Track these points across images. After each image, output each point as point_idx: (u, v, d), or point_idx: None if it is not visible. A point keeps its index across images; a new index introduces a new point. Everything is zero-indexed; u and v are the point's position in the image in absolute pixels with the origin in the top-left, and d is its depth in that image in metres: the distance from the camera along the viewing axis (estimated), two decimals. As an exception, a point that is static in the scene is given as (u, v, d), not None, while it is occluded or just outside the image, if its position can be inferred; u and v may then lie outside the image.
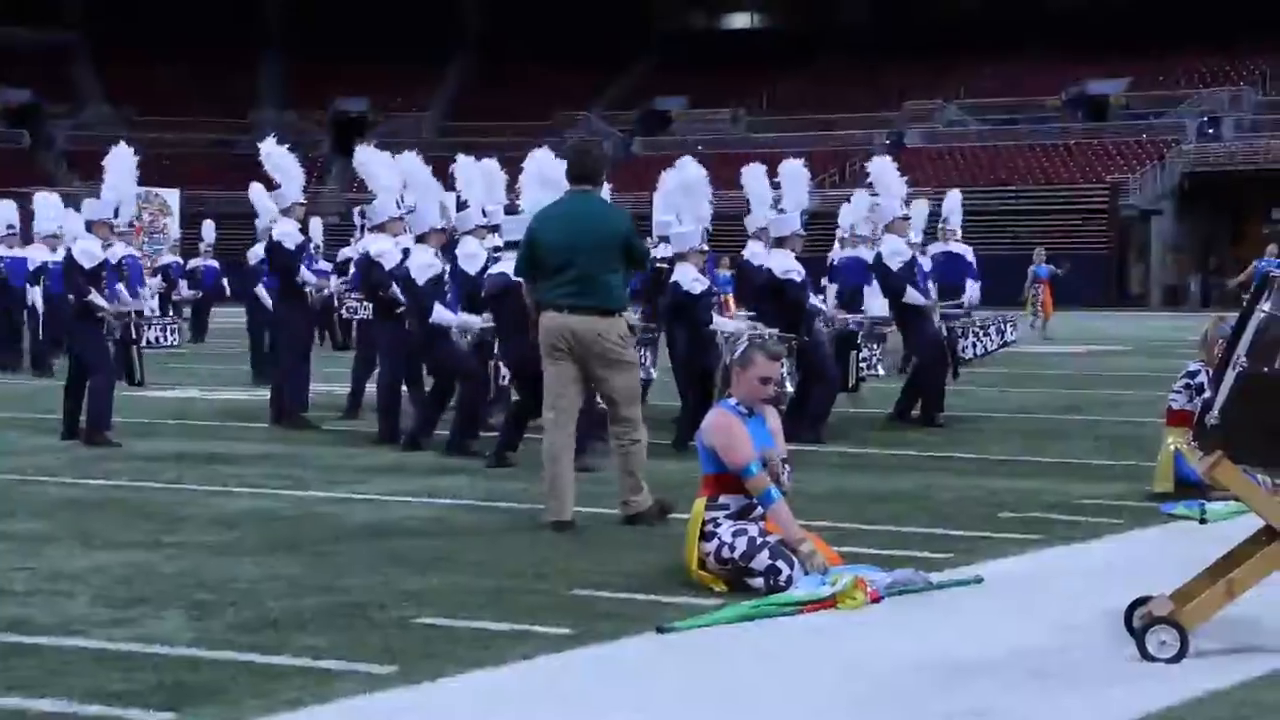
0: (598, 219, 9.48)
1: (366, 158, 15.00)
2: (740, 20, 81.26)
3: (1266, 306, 6.05)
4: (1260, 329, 6.03)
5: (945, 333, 15.29)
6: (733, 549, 7.36)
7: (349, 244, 17.74)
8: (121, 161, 14.37)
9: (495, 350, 13.35)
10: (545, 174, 12.11)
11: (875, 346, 15.02)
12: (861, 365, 14.79)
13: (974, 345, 15.32)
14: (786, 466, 7.71)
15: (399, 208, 14.37)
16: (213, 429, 14.75)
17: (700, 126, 68.44)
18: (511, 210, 13.58)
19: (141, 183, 17.19)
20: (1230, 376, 6.11)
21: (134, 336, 13.90)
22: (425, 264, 13.07)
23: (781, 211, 14.47)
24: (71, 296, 13.67)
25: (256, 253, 19.56)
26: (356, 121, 70.47)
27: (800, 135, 61.05)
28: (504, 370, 13.25)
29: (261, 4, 76.22)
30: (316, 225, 20.81)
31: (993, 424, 15.44)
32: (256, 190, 18.70)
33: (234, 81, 71.35)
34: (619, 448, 9.47)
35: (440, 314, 12.94)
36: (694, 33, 77.78)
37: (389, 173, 14.62)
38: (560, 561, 8.04)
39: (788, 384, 11.74)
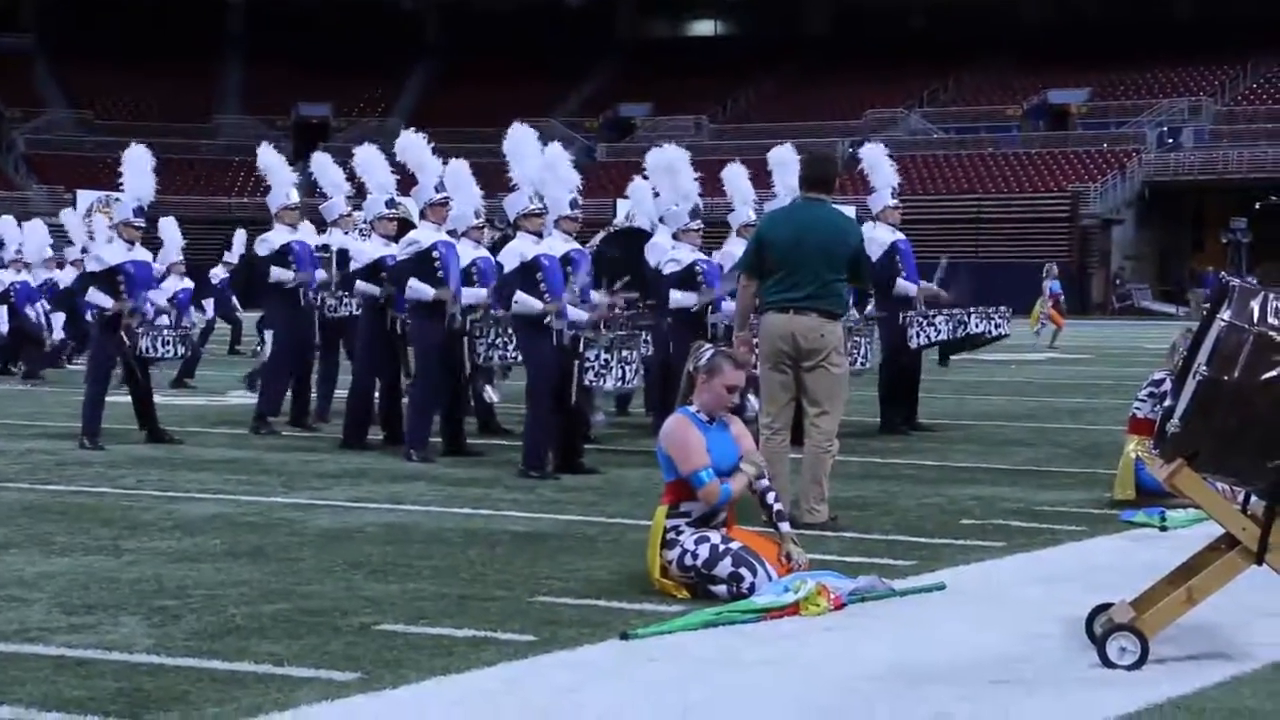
0: (830, 226, 9.67)
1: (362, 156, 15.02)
2: (704, 28, 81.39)
3: (1226, 315, 6.08)
4: (1220, 337, 6.05)
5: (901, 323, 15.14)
6: (695, 556, 7.35)
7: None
8: (137, 162, 14.24)
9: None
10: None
11: (854, 339, 14.62)
12: None
13: (917, 336, 15.13)
14: (761, 466, 7.76)
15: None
16: (174, 434, 14.65)
17: (664, 134, 68.47)
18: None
19: (100, 187, 17.11)
20: (1191, 384, 6.14)
21: (128, 344, 13.74)
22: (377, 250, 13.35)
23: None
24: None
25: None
26: (319, 127, 70.32)
27: (763, 143, 60.95)
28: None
29: (223, 9, 75.99)
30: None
31: (955, 431, 15.48)
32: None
33: (195, 87, 71.11)
34: (814, 452, 9.50)
35: (416, 288, 12.74)
36: (657, 40, 77.88)
37: (382, 172, 14.65)
38: (522, 568, 8.02)
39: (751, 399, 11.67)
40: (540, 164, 12.51)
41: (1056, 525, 9.62)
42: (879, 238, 14.95)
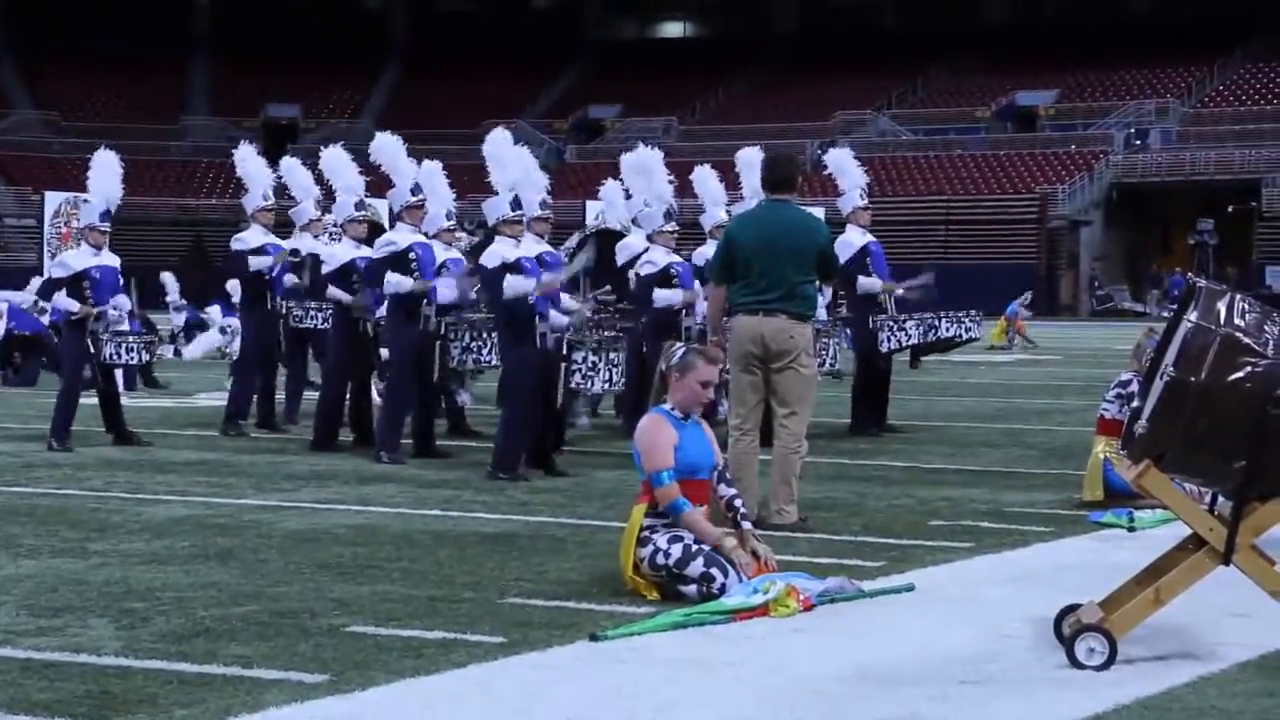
0: (797, 227, 9.68)
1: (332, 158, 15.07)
2: (672, 30, 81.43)
3: (1193, 316, 6.11)
4: (1187, 338, 6.08)
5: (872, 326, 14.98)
6: (667, 555, 7.36)
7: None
8: (105, 166, 14.11)
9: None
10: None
11: (823, 341, 14.10)
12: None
13: (888, 340, 14.98)
14: (727, 475, 7.76)
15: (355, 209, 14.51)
16: (143, 435, 14.61)
17: (633, 135, 68.50)
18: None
19: (68, 189, 17.02)
20: (1158, 385, 6.16)
21: (92, 350, 13.68)
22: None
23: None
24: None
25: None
26: (288, 128, 70.13)
27: (732, 144, 61.00)
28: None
29: (189, 9, 75.71)
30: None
31: (924, 433, 15.50)
32: None
33: (163, 88, 70.84)
34: (782, 453, 9.49)
35: (394, 280, 12.68)
36: (626, 42, 77.89)
37: (350, 173, 14.67)
38: (492, 570, 8.02)
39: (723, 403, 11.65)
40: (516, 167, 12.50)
41: (1025, 526, 9.66)
42: (850, 240, 14.97)
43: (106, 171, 14.06)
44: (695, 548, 7.36)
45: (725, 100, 70.55)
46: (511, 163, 12.54)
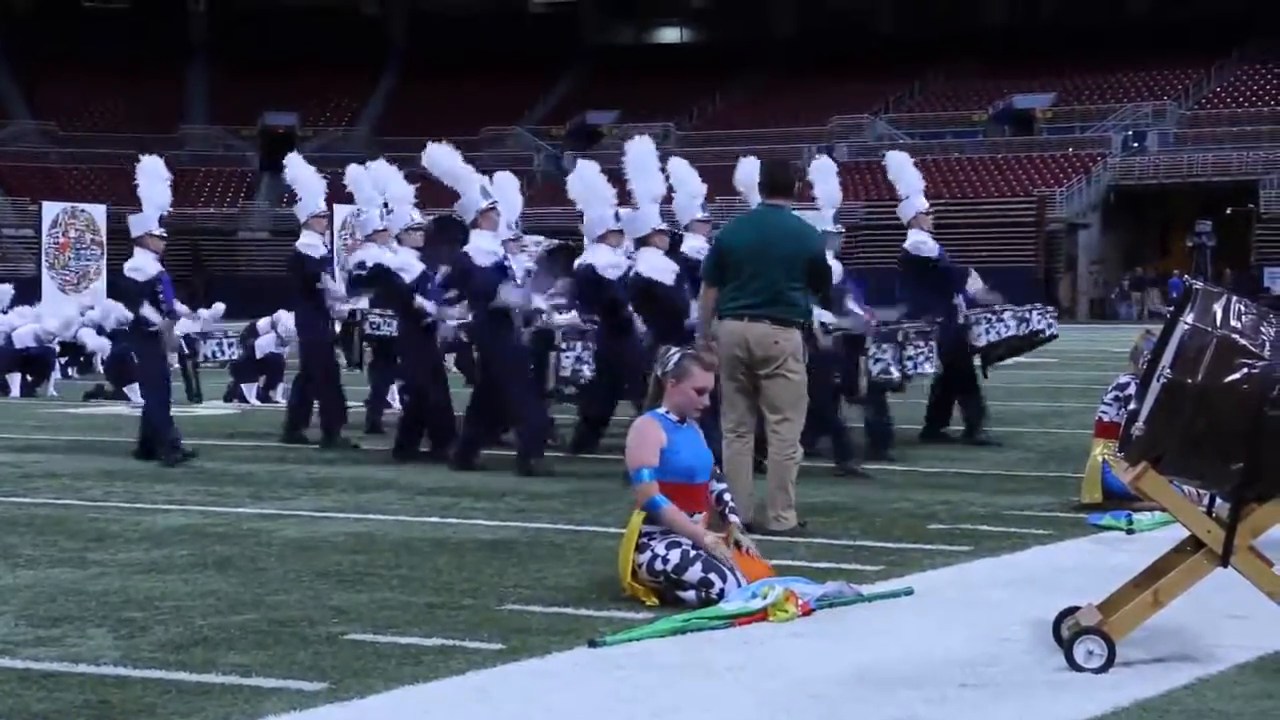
0: (789, 232, 9.62)
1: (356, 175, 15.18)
2: (670, 35, 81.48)
3: (1190, 318, 6.11)
4: (1184, 340, 6.08)
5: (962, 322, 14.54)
6: (665, 561, 7.36)
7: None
8: (152, 172, 13.93)
9: None
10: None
11: (885, 348, 13.39)
12: (874, 369, 13.30)
13: (986, 332, 14.51)
14: (722, 485, 7.77)
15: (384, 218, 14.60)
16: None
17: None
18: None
19: (66, 199, 17.02)
20: (1155, 387, 6.17)
21: (188, 352, 13.69)
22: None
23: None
24: (130, 314, 13.46)
25: None
26: (286, 136, 70.18)
27: (730, 149, 61.16)
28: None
29: (186, 17, 75.77)
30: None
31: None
32: None
33: (161, 96, 70.85)
34: (777, 460, 9.47)
35: (514, 293, 12.69)
36: (624, 47, 77.93)
37: (399, 186, 14.78)
38: (491, 577, 8.02)
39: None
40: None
41: (1024, 529, 9.66)
42: (928, 241, 14.63)
43: (156, 178, 13.93)
44: (693, 553, 7.36)
45: (723, 105, 70.56)
46: (655, 172, 12.52)
